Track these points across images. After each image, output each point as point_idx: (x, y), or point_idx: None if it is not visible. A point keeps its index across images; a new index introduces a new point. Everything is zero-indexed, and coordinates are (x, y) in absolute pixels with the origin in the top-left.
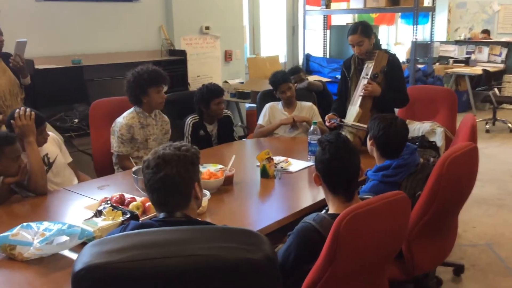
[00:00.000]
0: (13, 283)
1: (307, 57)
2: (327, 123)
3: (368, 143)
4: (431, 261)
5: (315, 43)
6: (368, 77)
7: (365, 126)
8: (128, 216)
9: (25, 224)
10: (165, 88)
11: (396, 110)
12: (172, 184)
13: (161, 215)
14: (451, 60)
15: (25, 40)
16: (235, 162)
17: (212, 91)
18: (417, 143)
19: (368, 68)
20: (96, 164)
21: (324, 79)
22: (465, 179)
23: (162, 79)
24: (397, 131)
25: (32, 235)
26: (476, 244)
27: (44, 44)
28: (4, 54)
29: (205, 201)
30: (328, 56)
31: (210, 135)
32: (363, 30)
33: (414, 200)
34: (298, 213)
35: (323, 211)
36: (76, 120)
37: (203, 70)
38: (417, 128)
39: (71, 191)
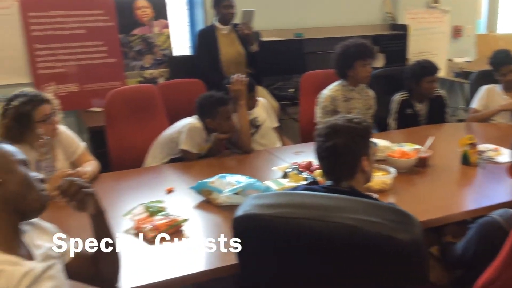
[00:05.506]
0: (206, 222)
1: None
2: None
3: None
4: None
5: None
6: None
7: None
8: (308, 181)
9: (222, 174)
10: (381, 63)
11: None
12: (339, 154)
13: (328, 182)
14: None
15: (253, 9)
16: (437, 145)
17: (425, 68)
18: None
19: None
20: (302, 132)
21: None
22: None
23: (369, 53)
24: None
25: (225, 185)
26: None
27: (270, 18)
28: (234, 25)
29: (390, 179)
30: None
31: (418, 114)
32: None
33: None
34: (492, 207)
35: None
36: (292, 90)
37: (427, 46)
38: None
39: (271, 153)
